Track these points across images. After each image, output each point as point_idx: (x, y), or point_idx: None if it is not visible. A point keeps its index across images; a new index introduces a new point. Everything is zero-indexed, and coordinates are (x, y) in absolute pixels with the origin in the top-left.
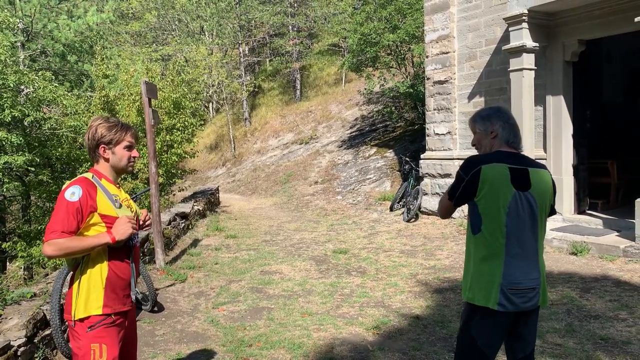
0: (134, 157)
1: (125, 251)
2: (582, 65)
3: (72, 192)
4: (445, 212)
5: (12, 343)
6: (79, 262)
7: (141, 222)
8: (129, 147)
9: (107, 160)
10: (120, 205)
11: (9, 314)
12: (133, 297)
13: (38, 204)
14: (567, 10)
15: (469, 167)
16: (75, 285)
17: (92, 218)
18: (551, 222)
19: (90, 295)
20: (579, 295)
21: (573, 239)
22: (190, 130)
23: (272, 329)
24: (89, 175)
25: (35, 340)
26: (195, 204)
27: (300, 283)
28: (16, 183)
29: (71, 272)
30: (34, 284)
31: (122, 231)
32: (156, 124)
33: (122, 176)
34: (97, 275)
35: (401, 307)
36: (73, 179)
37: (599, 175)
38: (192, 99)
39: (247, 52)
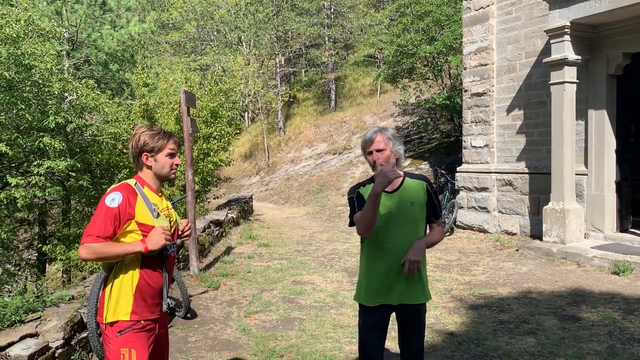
0: (176, 165)
1: (158, 260)
2: (626, 78)
3: (112, 198)
4: None
5: (50, 344)
6: (112, 266)
7: (180, 232)
8: (171, 155)
9: (149, 167)
10: (158, 215)
11: (48, 316)
12: (165, 306)
13: (77, 208)
14: (613, 23)
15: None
16: (107, 289)
17: (129, 225)
18: (592, 240)
19: (120, 300)
20: (622, 316)
21: (615, 258)
22: (226, 138)
23: (303, 340)
24: (132, 182)
25: (72, 343)
26: (229, 211)
27: (332, 294)
28: (57, 187)
29: (105, 275)
30: (72, 286)
31: (155, 241)
32: (194, 132)
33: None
34: (128, 282)
35: (435, 322)
36: (116, 185)
37: None
38: (229, 108)
39: (283, 62)
